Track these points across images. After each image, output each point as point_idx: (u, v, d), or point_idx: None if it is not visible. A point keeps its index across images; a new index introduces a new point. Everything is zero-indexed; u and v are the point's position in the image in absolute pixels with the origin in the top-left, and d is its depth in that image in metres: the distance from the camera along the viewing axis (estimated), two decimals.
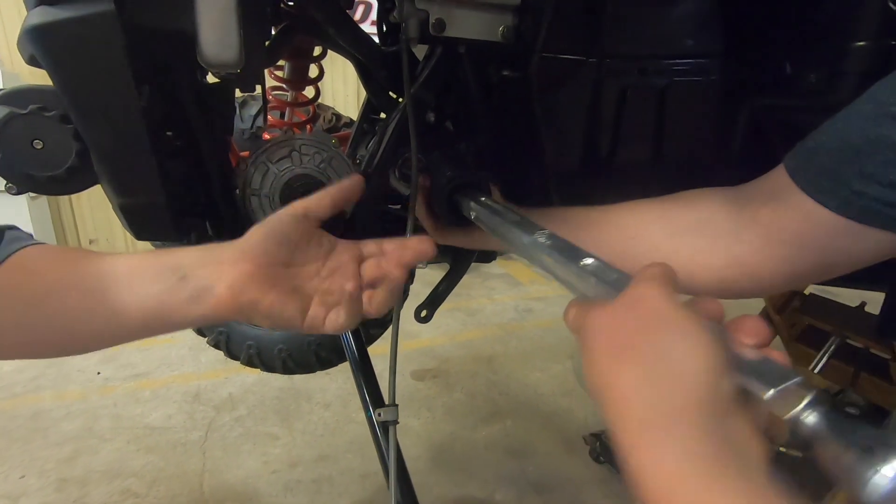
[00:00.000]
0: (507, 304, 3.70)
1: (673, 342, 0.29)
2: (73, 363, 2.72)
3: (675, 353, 0.28)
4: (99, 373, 2.65)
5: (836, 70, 0.50)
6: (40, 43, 0.47)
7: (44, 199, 3.62)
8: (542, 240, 0.45)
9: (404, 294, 1.40)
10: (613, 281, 0.36)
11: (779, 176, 0.44)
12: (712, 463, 0.25)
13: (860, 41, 0.48)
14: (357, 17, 4.18)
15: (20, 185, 0.59)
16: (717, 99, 0.62)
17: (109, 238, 4.00)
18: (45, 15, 0.46)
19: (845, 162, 0.39)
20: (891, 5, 0.46)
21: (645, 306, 0.31)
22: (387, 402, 0.57)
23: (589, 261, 0.40)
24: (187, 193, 0.70)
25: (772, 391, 0.26)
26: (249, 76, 0.68)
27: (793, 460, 1.18)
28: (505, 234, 0.52)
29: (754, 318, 0.31)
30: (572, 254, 0.42)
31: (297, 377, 2.58)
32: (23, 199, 3.38)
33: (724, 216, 0.48)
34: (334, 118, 1.57)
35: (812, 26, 0.52)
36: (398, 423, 0.56)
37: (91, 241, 3.97)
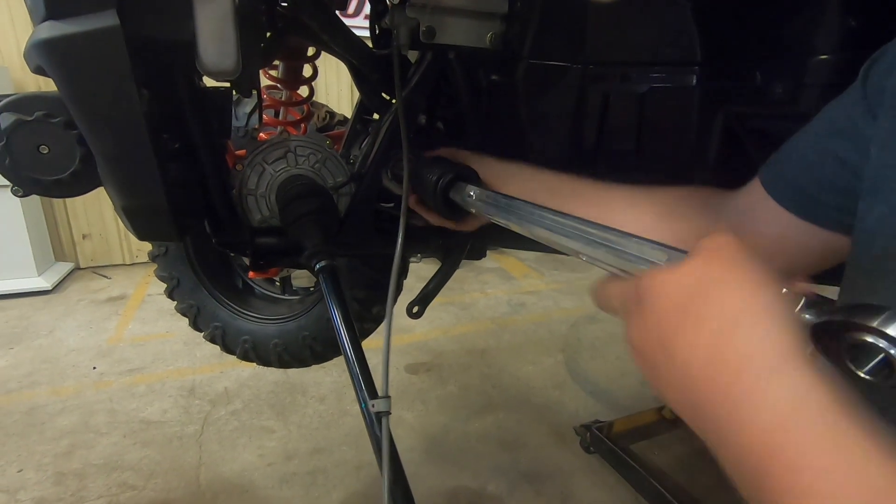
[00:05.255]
0: (500, 298, 3.74)
1: (753, 295, 0.28)
2: (68, 359, 2.74)
3: (757, 305, 0.27)
4: (94, 368, 2.66)
5: (799, 82, 0.53)
6: (48, 56, 0.49)
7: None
8: (541, 216, 0.46)
9: (398, 289, 1.43)
10: (648, 249, 0.35)
11: (755, 184, 0.49)
12: (825, 402, 0.24)
13: (822, 55, 0.52)
14: (350, 10, 4.16)
15: (27, 188, 0.61)
16: (695, 106, 0.65)
17: (103, 233, 3.98)
18: (52, 30, 0.48)
19: (803, 172, 0.44)
20: (850, 20, 0.49)
21: (721, 264, 0.30)
22: (380, 394, 0.61)
23: (595, 231, 0.39)
24: (186, 194, 0.73)
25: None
26: (246, 81, 0.70)
27: None
28: (503, 216, 0.53)
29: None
30: (579, 228, 0.41)
31: (292, 371, 2.59)
32: None
33: (705, 220, 0.51)
34: (328, 116, 1.59)
35: (779, 40, 0.55)
36: (390, 413, 0.59)
37: (84, 237, 3.95)
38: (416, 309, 0.90)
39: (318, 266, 0.73)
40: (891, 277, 0.34)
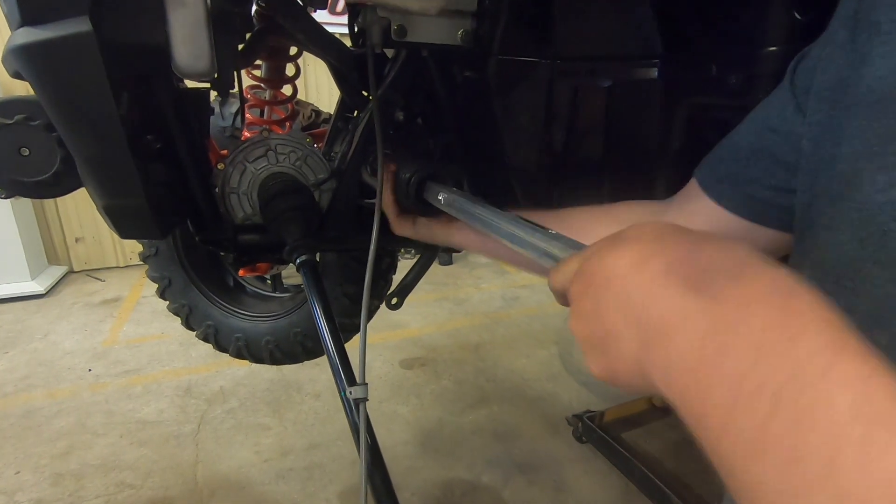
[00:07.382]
0: (494, 293, 3.76)
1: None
2: (64, 362, 2.75)
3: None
4: (90, 370, 2.68)
5: (751, 73, 0.55)
6: (24, 61, 0.51)
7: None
8: (501, 220, 0.50)
9: (387, 283, 1.44)
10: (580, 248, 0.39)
11: (691, 185, 0.50)
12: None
13: (771, 47, 0.54)
14: (338, 9, 4.15)
15: (9, 189, 0.63)
16: (658, 98, 0.68)
17: (96, 236, 3.98)
18: (28, 35, 0.50)
19: (738, 169, 0.44)
20: (796, 14, 0.52)
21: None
22: (358, 381, 0.63)
23: (546, 237, 0.43)
24: (169, 193, 0.75)
25: None
26: (223, 81, 0.71)
27: None
28: (472, 215, 0.56)
29: None
30: (534, 229, 0.45)
31: (287, 369, 2.62)
32: None
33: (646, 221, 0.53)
34: (314, 114, 1.60)
35: (731, 32, 0.57)
36: (367, 399, 0.61)
37: (77, 240, 3.95)
38: (394, 300, 0.92)
39: (298, 260, 0.75)
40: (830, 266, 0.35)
